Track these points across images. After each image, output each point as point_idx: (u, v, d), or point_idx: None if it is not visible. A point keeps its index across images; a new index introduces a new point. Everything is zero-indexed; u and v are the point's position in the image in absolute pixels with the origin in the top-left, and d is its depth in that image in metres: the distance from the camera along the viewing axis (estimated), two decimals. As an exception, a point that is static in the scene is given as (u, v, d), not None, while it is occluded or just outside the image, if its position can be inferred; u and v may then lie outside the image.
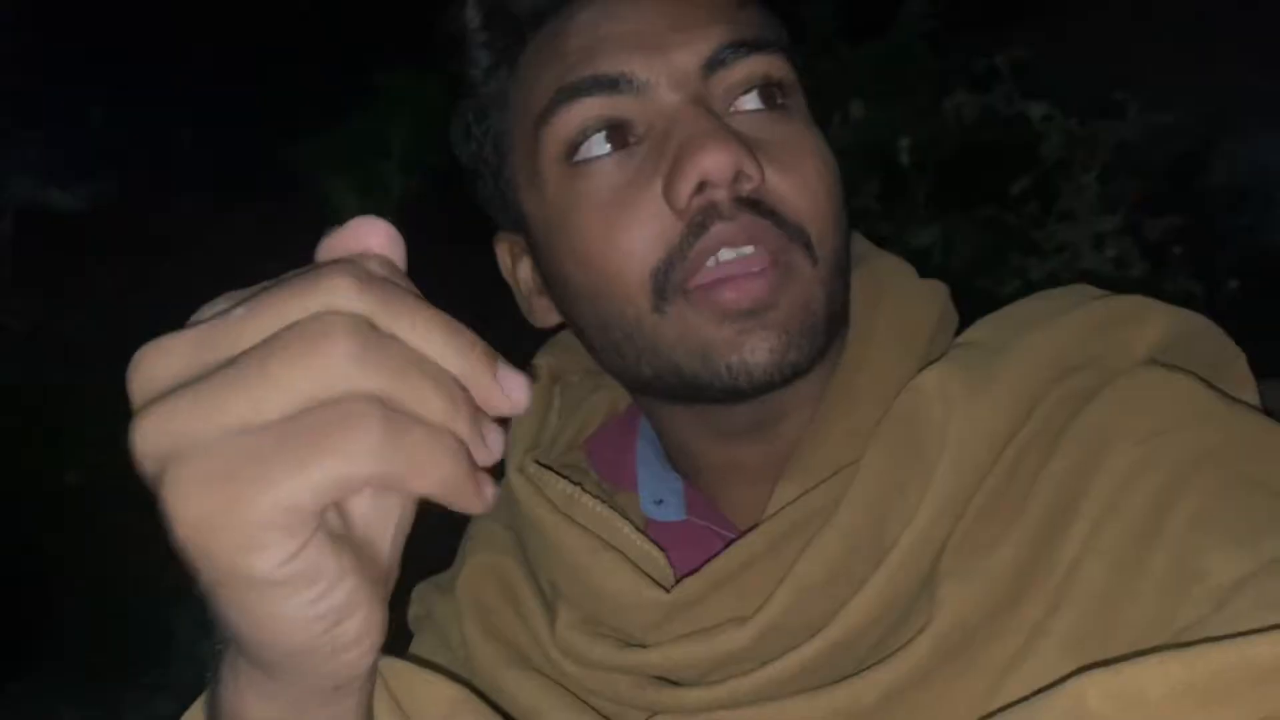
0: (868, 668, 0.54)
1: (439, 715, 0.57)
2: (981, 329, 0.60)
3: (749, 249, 0.55)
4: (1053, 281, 1.75)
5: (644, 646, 0.59)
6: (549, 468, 0.66)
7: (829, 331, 0.59)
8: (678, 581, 0.60)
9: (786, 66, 0.59)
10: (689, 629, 0.58)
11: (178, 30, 3.12)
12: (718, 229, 0.55)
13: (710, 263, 0.55)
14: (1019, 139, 1.88)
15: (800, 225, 0.57)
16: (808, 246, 0.57)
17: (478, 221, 0.70)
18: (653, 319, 0.57)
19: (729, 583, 0.58)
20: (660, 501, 0.66)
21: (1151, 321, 0.59)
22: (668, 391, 0.61)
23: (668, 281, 0.56)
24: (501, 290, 0.71)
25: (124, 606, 3.32)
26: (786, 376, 0.57)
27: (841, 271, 0.60)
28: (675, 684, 0.59)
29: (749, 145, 0.56)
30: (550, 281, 0.64)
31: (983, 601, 0.53)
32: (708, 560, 0.59)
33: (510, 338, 0.44)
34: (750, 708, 0.56)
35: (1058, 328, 0.58)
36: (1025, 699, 0.45)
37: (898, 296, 0.64)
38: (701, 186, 0.55)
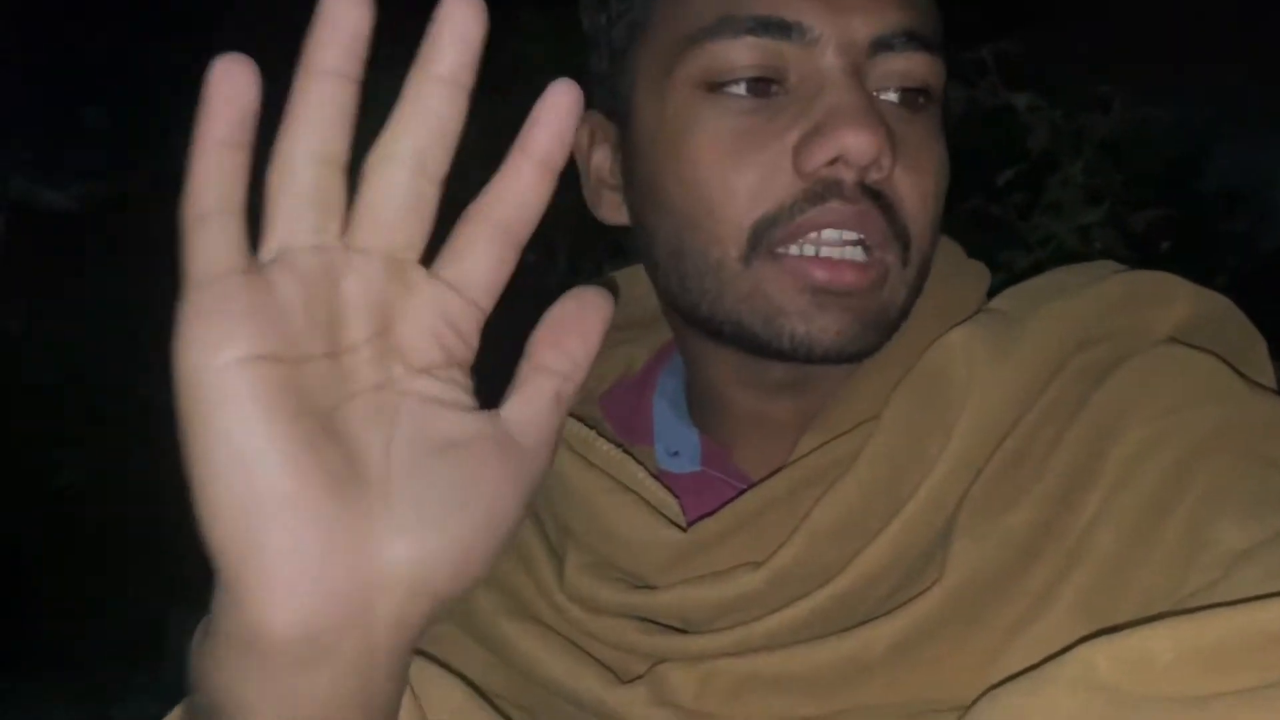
0: (877, 618, 0.54)
1: (447, 713, 0.57)
2: (1006, 299, 0.61)
3: (853, 235, 0.55)
4: (1038, 274, 1.75)
5: (653, 589, 0.59)
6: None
7: (899, 325, 0.59)
8: (691, 525, 0.60)
9: (941, 73, 0.59)
10: (701, 572, 0.58)
11: (172, 32, 3.12)
12: (834, 206, 0.55)
13: (812, 235, 0.55)
14: (1005, 130, 1.88)
15: (907, 226, 0.57)
16: (906, 247, 0.57)
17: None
18: (735, 268, 0.57)
19: (744, 527, 0.58)
20: (676, 454, 0.66)
21: (1175, 299, 0.59)
22: (715, 333, 0.60)
23: (765, 238, 0.56)
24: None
25: (116, 606, 3.32)
26: (845, 359, 0.57)
27: (927, 273, 0.60)
28: (682, 631, 0.58)
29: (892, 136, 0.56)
30: (636, 186, 0.62)
31: (996, 561, 0.53)
32: (722, 506, 0.59)
33: (505, 329, 0.44)
34: (758, 654, 0.55)
35: (1081, 299, 0.58)
36: (1033, 667, 0.45)
37: (944, 271, 0.64)
38: (835, 160, 0.54)
